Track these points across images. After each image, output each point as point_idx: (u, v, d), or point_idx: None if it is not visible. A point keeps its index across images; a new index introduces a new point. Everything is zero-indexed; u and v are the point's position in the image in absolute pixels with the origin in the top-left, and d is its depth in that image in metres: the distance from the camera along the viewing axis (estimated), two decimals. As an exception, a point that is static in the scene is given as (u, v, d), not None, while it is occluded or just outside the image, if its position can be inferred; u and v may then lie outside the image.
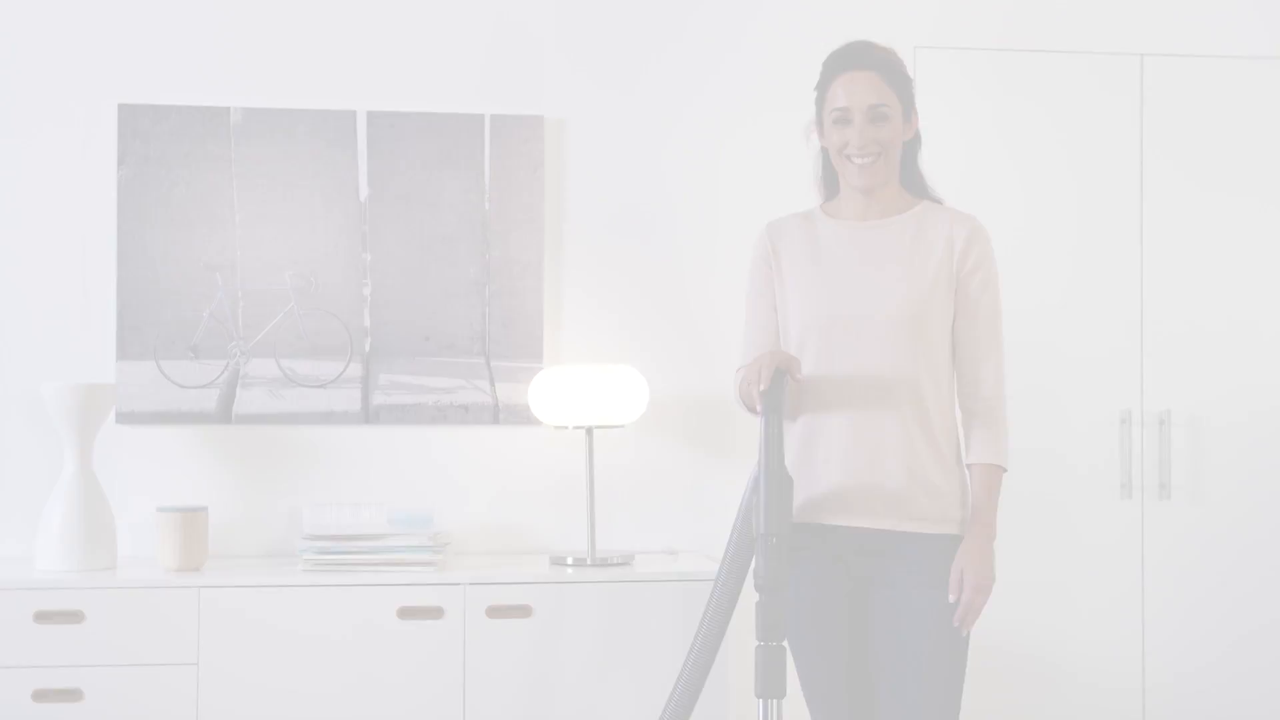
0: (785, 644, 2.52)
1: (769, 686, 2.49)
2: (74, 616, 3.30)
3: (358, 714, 3.36)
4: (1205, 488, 4.05)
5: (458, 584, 3.41)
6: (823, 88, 2.72)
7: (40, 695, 3.27)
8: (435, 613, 3.39)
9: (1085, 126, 4.03)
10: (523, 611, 3.41)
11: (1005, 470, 2.66)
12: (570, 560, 3.59)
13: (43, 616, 3.29)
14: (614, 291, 3.92)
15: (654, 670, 3.42)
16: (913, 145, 2.77)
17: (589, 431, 3.67)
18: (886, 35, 2.84)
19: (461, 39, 3.89)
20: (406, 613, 3.38)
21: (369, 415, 3.80)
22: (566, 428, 3.68)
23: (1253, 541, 4.06)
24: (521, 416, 3.82)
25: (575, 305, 3.91)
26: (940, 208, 2.76)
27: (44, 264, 3.74)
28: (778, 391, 2.55)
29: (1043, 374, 3.98)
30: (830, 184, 2.80)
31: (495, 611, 3.40)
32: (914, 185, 2.78)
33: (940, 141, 3.96)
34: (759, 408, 2.56)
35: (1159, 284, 4.04)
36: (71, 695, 3.28)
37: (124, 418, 3.73)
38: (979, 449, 2.65)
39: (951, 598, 2.55)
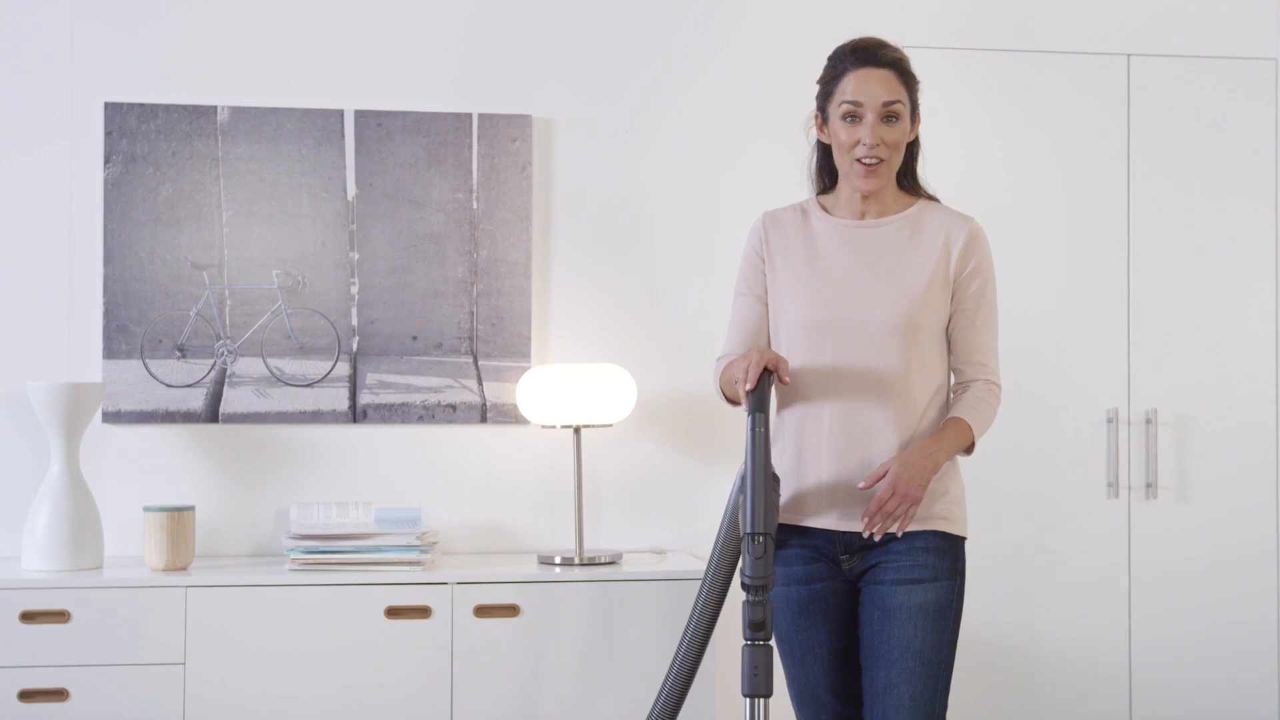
0: (772, 643, 2.52)
1: (756, 685, 2.49)
2: (60, 616, 3.29)
3: (345, 714, 3.35)
4: (1192, 487, 4.06)
5: (445, 583, 3.41)
6: (832, 81, 2.70)
7: (27, 695, 3.26)
8: (423, 612, 3.39)
9: (1072, 126, 4.04)
10: (510, 611, 3.41)
11: (973, 442, 2.66)
12: (558, 560, 3.59)
13: (29, 616, 3.28)
14: (602, 291, 3.92)
15: (642, 669, 3.43)
16: (913, 147, 2.78)
17: (577, 431, 3.67)
18: (876, 34, 2.82)
19: (449, 38, 3.89)
20: (394, 612, 3.38)
21: (356, 415, 3.80)
22: (554, 427, 3.68)
23: (1239, 540, 4.07)
24: (509, 416, 3.82)
25: (563, 304, 3.91)
26: (938, 207, 2.77)
27: (30, 262, 3.73)
28: (764, 391, 2.55)
29: (1030, 373, 3.98)
30: (826, 176, 2.80)
31: (483, 611, 3.40)
32: (911, 185, 2.79)
33: (929, 140, 3.98)
34: (745, 406, 2.55)
35: (1146, 283, 4.05)
36: (58, 695, 3.27)
37: (110, 417, 3.72)
38: (963, 408, 2.67)
39: (862, 485, 2.57)
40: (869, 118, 2.63)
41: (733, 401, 2.76)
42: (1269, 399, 4.08)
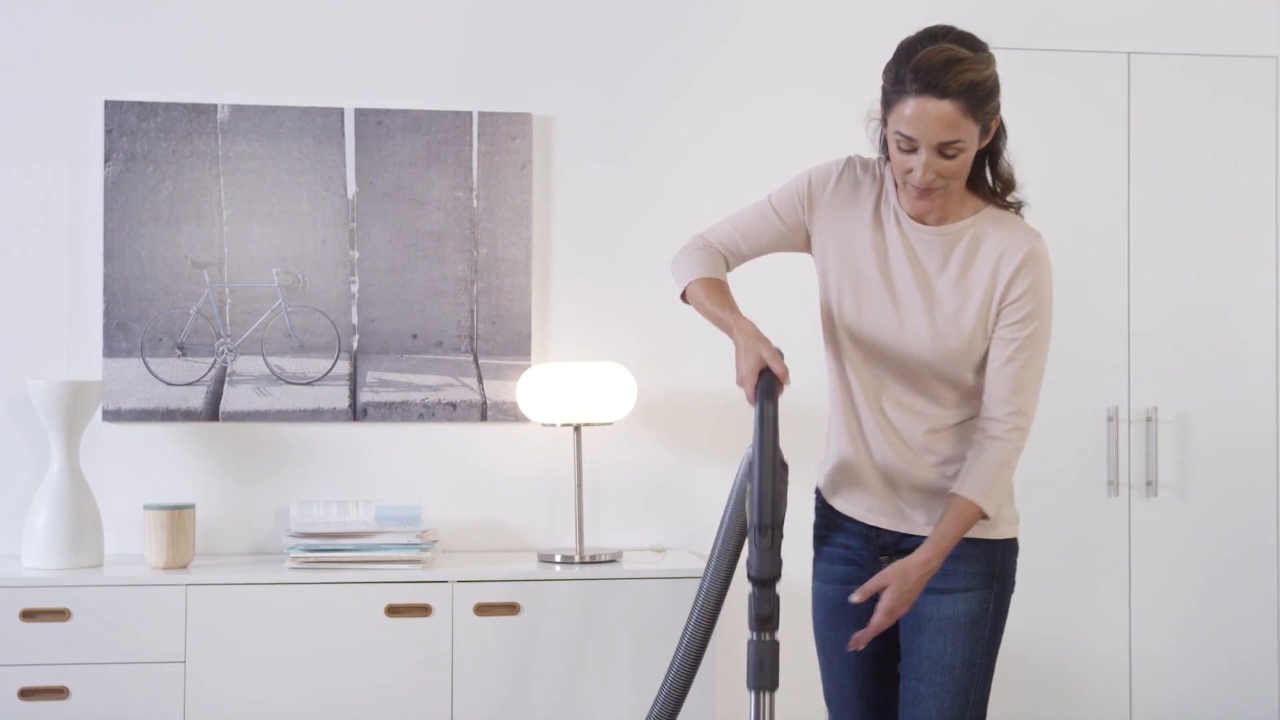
0: (778, 638, 2.44)
1: (762, 679, 2.38)
2: (60, 615, 3.29)
3: (346, 712, 3.35)
4: (1192, 485, 4.06)
5: (446, 581, 3.41)
6: (891, 95, 2.38)
7: (27, 693, 3.26)
8: (423, 610, 3.39)
9: (1072, 124, 4.04)
10: (510, 609, 3.41)
11: (988, 519, 2.45)
12: (558, 558, 3.59)
13: (29, 615, 3.28)
14: (602, 289, 3.92)
15: (642, 667, 3.43)
16: (988, 151, 2.47)
17: (577, 429, 3.67)
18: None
19: (449, 36, 3.89)
20: (394, 610, 3.38)
21: (357, 413, 3.80)
22: (554, 425, 3.68)
23: (1239, 538, 4.07)
24: (509, 414, 3.82)
25: (563, 303, 3.91)
26: (1002, 220, 2.48)
27: (30, 261, 3.73)
28: (769, 384, 2.39)
29: (1030, 371, 3.99)
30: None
31: (483, 609, 3.40)
32: (982, 186, 2.50)
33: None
34: (751, 398, 2.40)
35: (1146, 282, 4.05)
36: (58, 693, 3.28)
37: (110, 415, 3.72)
38: (972, 484, 2.42)
39: (856, 598, 2.39)
40: (923, 153, 2.35)
41: (682, 298, 2.58)
42: (1269, 397, 4.08)
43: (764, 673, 2.37)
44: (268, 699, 3.34)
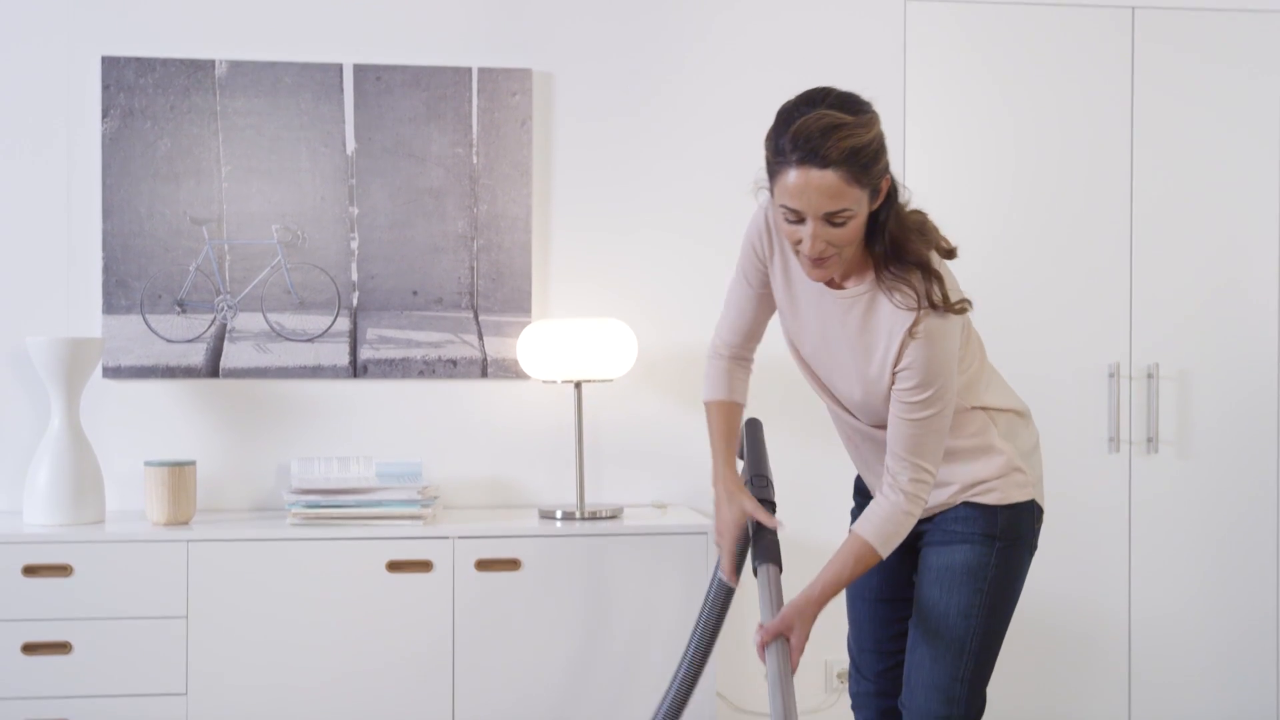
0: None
1: (770, 556, 2.50)
2: (63, 570, 3.30)
3: (347, 666, 3.37)
4: (1193, 442, 4.06)
5: (447, 537, 3.41)
6: (774, 164, 2.29)
7: (30, 648, 3.28)
8: (424, 566, 3.39)
9: (1075, 79, 4.01)
10: (511, 565, 3.42)
11: (881, 559, 2.43)
12: (559, 514, 3.59)
13: (31, 570, 3.29)
14: (602, 245, 3.91)
15: (642, 623, 3.44)
16: (881, 211, 2.35)
17: (577, 386, 3.67)
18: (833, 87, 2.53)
19: (448, -10, 3.86)
20: (396, 566, 3.38)
21: (357, 370, 3.79)
22: (555, 382, 3.67)
23: (1239, 495, 4.07)
24: (510, 371, 3.82)
25: (564, 259, 3.89)
26: (894, 290, 2.37)
27: (29, 217, 3.72)
28: (740, 556, 2.58)
29: (1032, 327, 3.98)
30: None
31: (484, 565, 3.41)
32: (874, 240, 2.37)
33: (933, 95, 3.96)
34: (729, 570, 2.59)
35: (1148, 238, 4.03)
36: (61, 648, 3.29)
37: (110, 372, 3.71)
38: (871, 527, 2.41)
39: (759, 640, 2.39)
40: (810, 223, 2.27)
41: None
42: (1271, 354, 4.07)
43: (770, 551, 2.50)
44: (269, 654, 3.35)
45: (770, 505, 2.60)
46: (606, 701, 3.44)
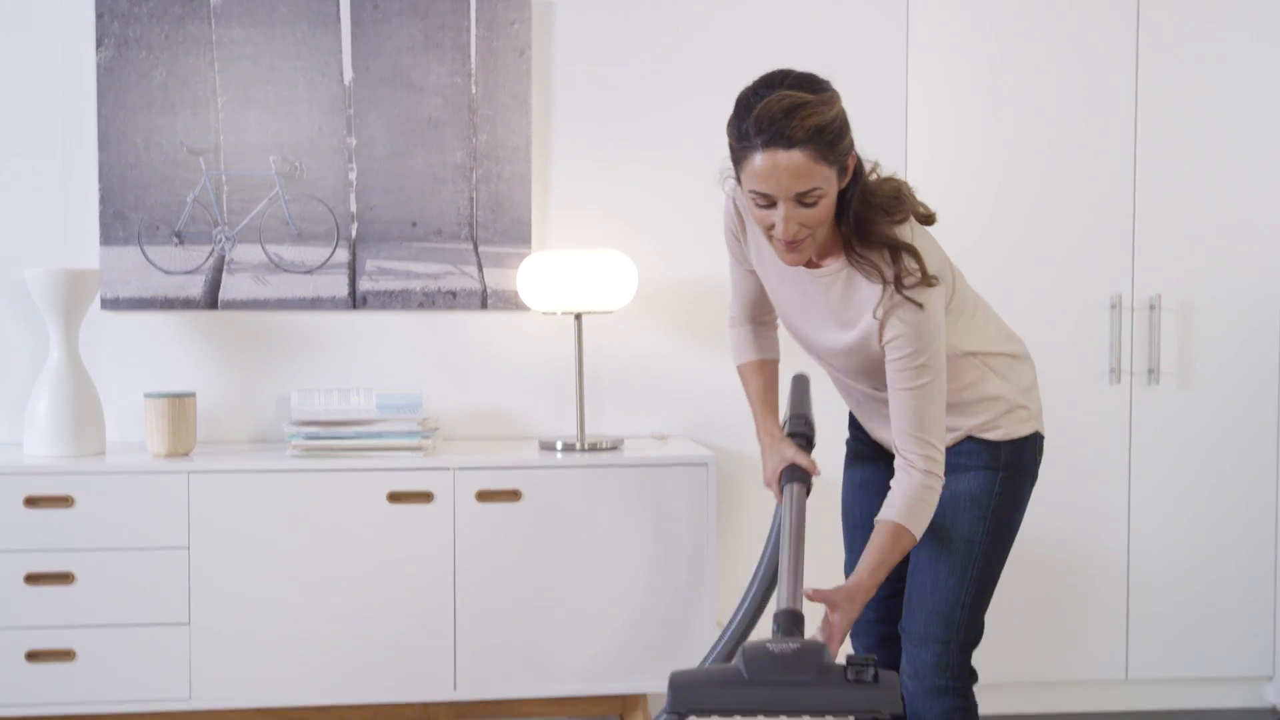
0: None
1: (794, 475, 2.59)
2: (64, 501, 3.30)
3: (349, 597, 3.38)
4: (1194, 373, 4.05)
5: (447, 469, 3.41)
6: (738, 152, 2.28)
7: (33, 579, 3.29)
8: (425, 497, 3.40)
9: (1082, 8, 3.97)
10: (512, 496, 3.42)
11: (917, 540, 2.41)
12: (559, 445, 3.59)
13: (33, 501, 3.29)
14: (602, 176, 3.88)
15: (642, 554, 3.45)
16: (852, 188, 2.35)
17: (578, 317, 3.65)
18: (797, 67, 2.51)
19: (445, -83, 3.81)
20: (396, 497, 3.39)
21: (356, 301, 3.78)
22: (555, 314, 3.66)
23: (1240, 426, 4.07)
24: (510, 302, 3.81)
25: (563, 190, 3.87)
26: (869, 270, 2.37)
27: (23, 148, 3.69)
28: (792, 474, 2.61)
29: (1033, 258, 3.96)
30: None
31: (485, 496, 3.41)
32: (841, 219, 2.37)
33: (936, 27, 3.92)
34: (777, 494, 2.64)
35: (1152, 168, 4.00)
36: (63, 579, 3.30)
37: (109, 304, 3.70)
38: (899, 509, 2.39)
39: (809, 596, 2.33)
40: (782, 206, 2.26)
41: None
42: (1273, 286, 4.06)
43: (796, 473, 2.58)
44: (272, 584, 3.36)
45: (806, 440, 2.68)
46: (607, 631, 3.45)
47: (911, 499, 2.39)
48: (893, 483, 2.43)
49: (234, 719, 3.44)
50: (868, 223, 2.36)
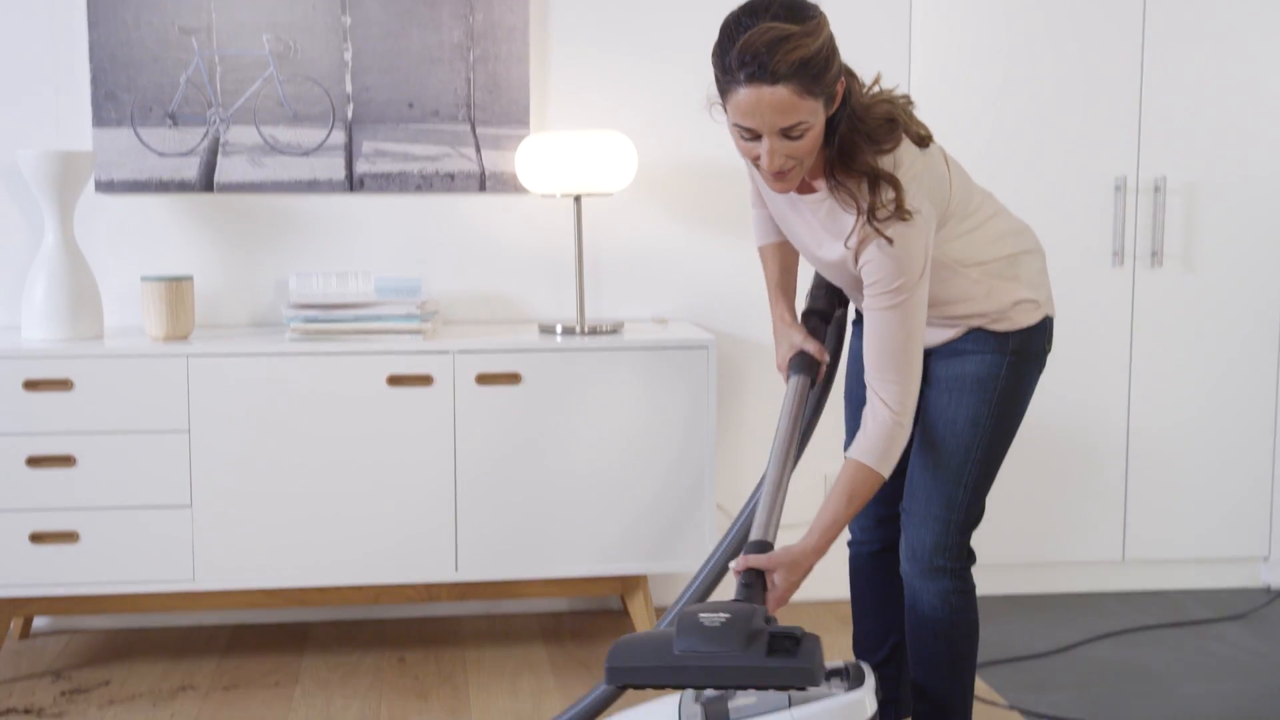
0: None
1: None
2: (63, 385, 3.30)
3: (349, 479, 3.39)
4: (1197, 256, 4.03)
5: (447, 352, 3.41)
6: (724, 82, 2.25)
7: (34, 461, 3.29)
8: (425, 380, 3.39)
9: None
10: (512, 379, 3.42)
11: (884, 480, 2.39)
12: (559, 328, 3.58)
13: (32, 385, 3.29)
14: (601, 56, 3.82)
15: (640, 436, 3.45)
16: (838, 110, 2.29)
17: (577, 200, 3.62)
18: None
19: None
20: (396, 380, 3.38)
21: (353, 184, 3.74)
22: (554, 196, 3.63)
23: (1242, 310, 4.06)
24: (508, 185, 3.77)
25: (562, 70, 3.81)
26: (849, 199, 2.35)
27: (10, 26, 3.62)
28: (801, 363, 2.65)
29: (1037, 139, 3.92)
30: None
31: (485, 379, 3.41)
32: (830, 143, 2.33)
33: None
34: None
35: (1158, 48, 3.94)
36: (65, 461, 3.31)
37: (104, 186, 3.66)
38: (863, 447, 2.36)
39: (735, 567, 2.33)
40: (767, 140, 2.24)
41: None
42: (1279, 170, 4.02)
43: (802, 364, 2.64)
44: (272, 466, 3.37)
45: (822, 318, 2.69)
46: (607, 513, 3.47)
47: (881, 438, 2.36)
48: (863, 420, 2.40)
49: (238, 599, 3.48)
50: (852, 149, 2.32)
